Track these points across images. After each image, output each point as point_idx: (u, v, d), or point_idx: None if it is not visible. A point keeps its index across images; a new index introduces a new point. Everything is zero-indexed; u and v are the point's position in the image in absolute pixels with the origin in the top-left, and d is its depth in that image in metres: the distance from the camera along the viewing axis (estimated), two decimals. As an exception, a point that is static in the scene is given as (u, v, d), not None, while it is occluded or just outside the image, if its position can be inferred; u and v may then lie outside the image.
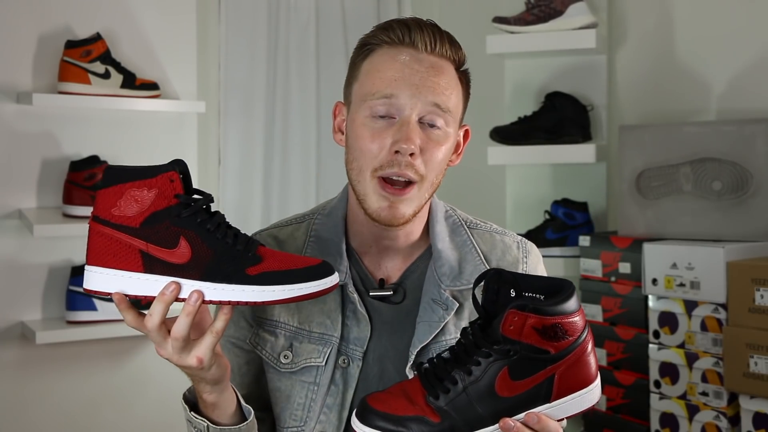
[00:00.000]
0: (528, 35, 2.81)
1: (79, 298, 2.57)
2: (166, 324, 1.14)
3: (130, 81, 2.65)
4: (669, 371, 2.39)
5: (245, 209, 3.08)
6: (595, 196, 2.92)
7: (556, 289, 1.13)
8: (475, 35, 3.03)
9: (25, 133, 2.62)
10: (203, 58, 2.96)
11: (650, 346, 2.43)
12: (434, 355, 1.22)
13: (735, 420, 2.28)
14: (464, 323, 1.34)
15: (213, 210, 1.15)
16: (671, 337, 2.38)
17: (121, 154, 2.73)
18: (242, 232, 1.16)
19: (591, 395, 1.13)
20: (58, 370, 2.66)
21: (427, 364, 1.15)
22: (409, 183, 1.29)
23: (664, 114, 2.83)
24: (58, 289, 2.64)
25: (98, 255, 1.13)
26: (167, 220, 1.12)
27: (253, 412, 1.28)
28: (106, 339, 2.65)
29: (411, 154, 1.27)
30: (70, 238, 2.64)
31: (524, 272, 1.39)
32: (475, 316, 1.34)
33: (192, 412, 1.25)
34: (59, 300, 2.63)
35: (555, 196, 2.93)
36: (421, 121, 1.29)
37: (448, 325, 1.34)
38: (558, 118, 2.81)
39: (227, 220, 1.16)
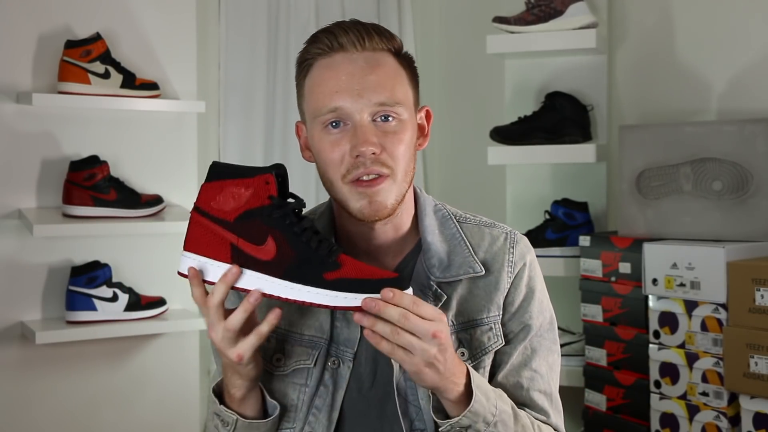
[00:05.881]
0: (528, 35, 2.81)
1: (79, 299, 2.57)
2: (225, 311, 1.21)
3: (130, 81, 2.64)
4: (669, 371, 2.39)
5: (245, 209, 3.08)
6: (595, 196, 2.92)
7: None
8: (475, 35, 3.04)
9: (25, 133, 2.61)
10: (203, 58, 2.96)
11: (650, 346, 2.43)
12: None
13: (735, 420, 2.28)
14: (451, 313, 1.36)
15: (303, 215, 1.23)
16: (671, 337, 2.38)
17: (121, 154, 2.73)
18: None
19: None
20: (58, 370, 2.66)
21: None
22: (380, 176, 1.31)
23: (664, 114, 2.83)
24: (58, 289, 2.63)
25: (194, 242, 1.23)
26: (259, 218, 1.20)
27: (278, 407, 1.32)
28: (106, 339, 2.65)
29: (373, 154, 1.29)
30: (70, 238, 2.64)
31: (510, 263, 1.41)
32: (462, 306, 1.36)
33: (222, 405, 1.30)
34: (59, 300, 2.63)
35: (555, 196, 2.93)
36: (374, 119, 1.31)
37: None
38: (558, 118, 2.81)
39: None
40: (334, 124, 1.31)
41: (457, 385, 1.22)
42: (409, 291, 1.19)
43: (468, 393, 1.24)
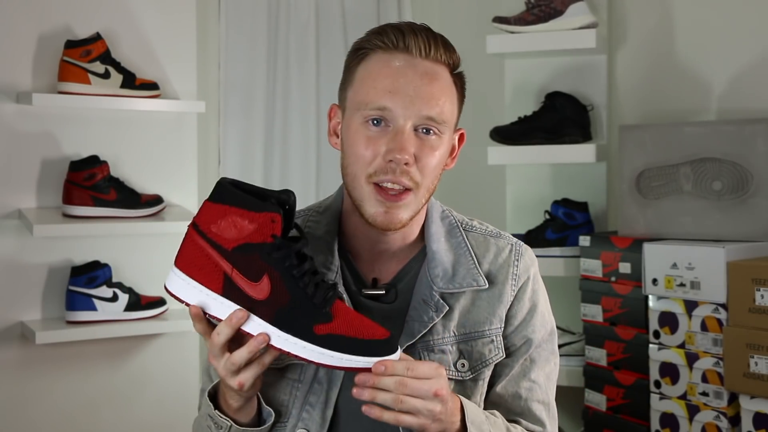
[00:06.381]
0: (528, 35, 2.81)
1: (79, 298, 2.57)
2: (227, 343, 1.19)
3: (130, 81, 2.64)
4: (669, 371, 2.39)
5: (245, 209, 3.07)
6: (595, 196, 2.92)
7: None
8: (475, 35, 3.03)
9: (25, 133, 2.61)
10: (203, 58, 2.96)
11: (650, 346, 2.43)
12: (419, 355, 1.26)
13: (735, 420, 2.28)
14: (453, 324, 1.35)
15: (304, 254, 1.19)
16: (671, 337, 2.38)
17: (121, 154, 2.73)
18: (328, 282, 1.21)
19: None
20: (57, 370, 2.66)
21: None
22: (404, 190, 1.30)
23: (664, 114, 2.83)
24: (58, 289, 2.63)
25: (186, 261, 1.20)
26: (258, 253, 1.16)
27: (273, 414, 1.32)
28: (106, 339, 2.65)
29: (405, 163, 1.28)
30: (70, 238, 2.64)
31: (515, 276, 1.40)
32: (465, 318, 1.35)
33: (216, 411, 1.29)
34: (59, 300, 2.63)
35: (555, 196, 2.93)
36: (415, 130, 1.30)
37: (436, 326, 1.34)
38: (558, 118, 2.81)
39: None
40: (375, 121, 1.29)
41: (454, 423, 1.23)
42: (398, 354, 1.18)
43: (464, 428, 1.25)
